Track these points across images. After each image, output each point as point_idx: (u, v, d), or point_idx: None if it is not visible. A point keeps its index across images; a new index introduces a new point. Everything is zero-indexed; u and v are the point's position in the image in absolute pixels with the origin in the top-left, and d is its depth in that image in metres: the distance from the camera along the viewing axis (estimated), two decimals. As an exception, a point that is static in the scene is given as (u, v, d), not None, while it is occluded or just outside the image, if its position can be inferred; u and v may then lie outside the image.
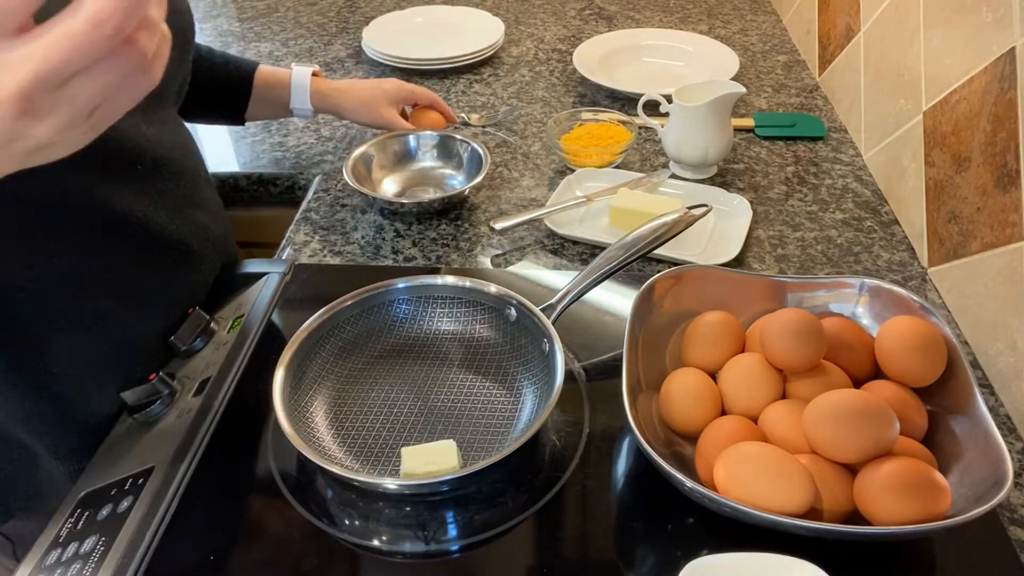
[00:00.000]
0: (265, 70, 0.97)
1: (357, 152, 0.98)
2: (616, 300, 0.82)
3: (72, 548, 0.59)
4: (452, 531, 0.60)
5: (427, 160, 1.03)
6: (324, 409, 0.68)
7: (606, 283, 0.74)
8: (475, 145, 1.00)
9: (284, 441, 0.60)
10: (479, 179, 0.94)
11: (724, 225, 0.91)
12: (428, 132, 1.03)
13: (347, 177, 0.94)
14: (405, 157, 1.03)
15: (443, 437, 0.64)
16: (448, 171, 1.02)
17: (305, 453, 0.58)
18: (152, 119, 0.71)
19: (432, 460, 0.60)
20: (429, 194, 0.99)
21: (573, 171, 1.01)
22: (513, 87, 1.25)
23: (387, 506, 0.61)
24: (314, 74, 0.98)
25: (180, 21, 0.74)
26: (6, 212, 0.58)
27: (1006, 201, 0.71)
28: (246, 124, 1.01)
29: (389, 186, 1.01)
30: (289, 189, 1.07)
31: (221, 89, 0.95)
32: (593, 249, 0.89)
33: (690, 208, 0.79)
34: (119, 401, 0.69)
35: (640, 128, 1.09)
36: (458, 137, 1.02)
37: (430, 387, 0.70)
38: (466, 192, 0.95)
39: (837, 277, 0.71)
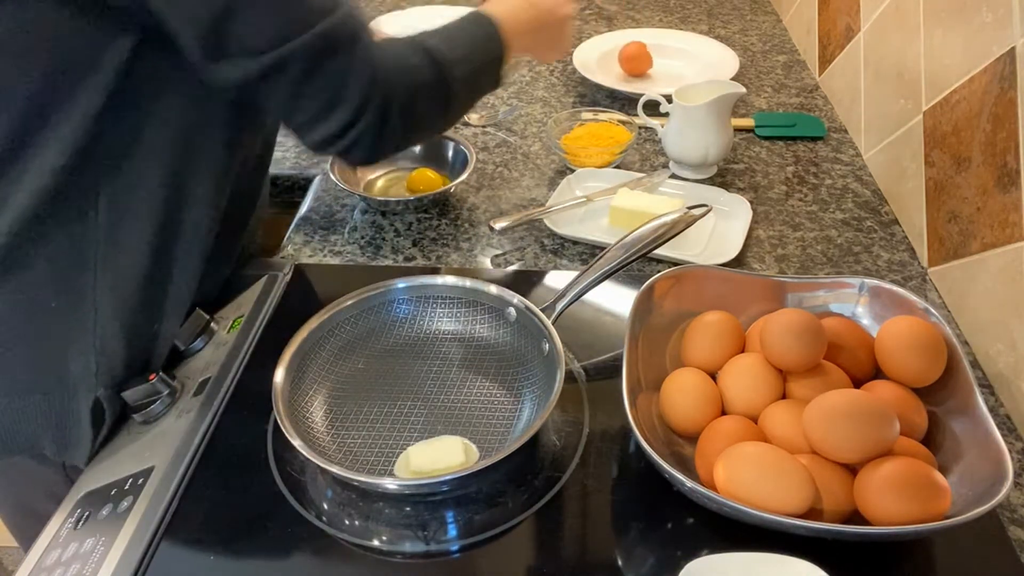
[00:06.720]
0: None
1: None
2: (616, 300, 0.82)
3: (72, 548, 0.59)
4: (452, 531, 0.60)
5: (414, 158, 1.03)
6: (324, 409, 0.68)
7: (606, 283, 0.74)
8: (459, 143, 1.00)
9: (284, 441, 0.60)
10: (465, 175, 0.95)
11: (724, 225, 0.91)
12: None
13: (332, 175, 0.94)
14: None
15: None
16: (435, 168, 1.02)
17: (305, 453, 0.58)
18: None
19: (438, 457, 0.60)
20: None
21: (573, 171, 1.01)
22: (513, 87, 1.25)
23: (387, 506, 0.61)
24: None
25: None
26: None
27: (1006, 201, 0.71)
28: None
29: (376, 184, 1.01)
30: (289, 189, 1.07)
31: None
32: (593, 249, 0.89)
33: (690, 208, 0.79)
34: (119, 401, 0.69)
35: (640, 128, 1.09)
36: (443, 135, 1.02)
37: (430, 387, 0.70)
38: (452, 189, 0.95)
39: (837, 277, 0.71)
